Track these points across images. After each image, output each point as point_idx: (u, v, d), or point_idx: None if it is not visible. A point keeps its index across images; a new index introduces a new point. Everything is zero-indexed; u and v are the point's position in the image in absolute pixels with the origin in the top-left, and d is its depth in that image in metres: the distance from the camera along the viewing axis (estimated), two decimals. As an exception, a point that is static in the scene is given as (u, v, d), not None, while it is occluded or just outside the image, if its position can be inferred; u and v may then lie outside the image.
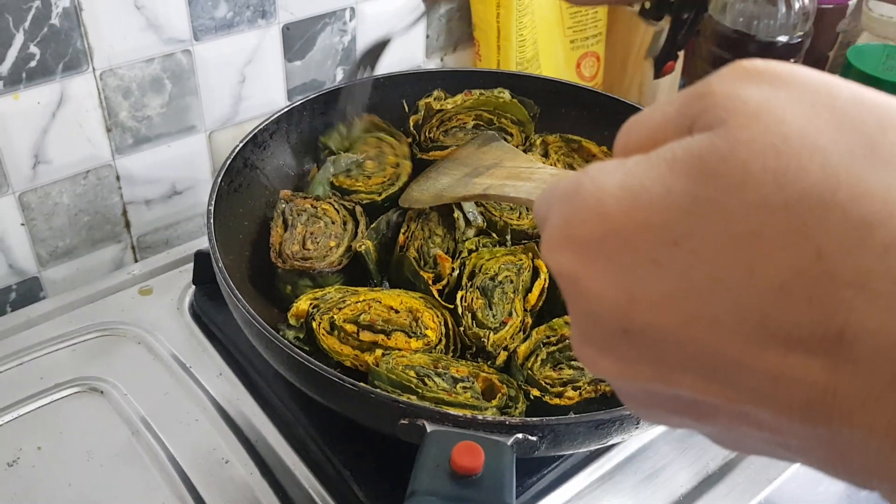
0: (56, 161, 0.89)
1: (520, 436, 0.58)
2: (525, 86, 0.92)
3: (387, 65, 1.12)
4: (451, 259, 0.75)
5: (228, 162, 0.78)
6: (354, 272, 0.78)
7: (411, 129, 0.88)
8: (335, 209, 0.81)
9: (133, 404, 0.75)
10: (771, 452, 0.29)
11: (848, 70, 1.02)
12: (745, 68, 0.27)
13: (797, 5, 1.04)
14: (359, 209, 0.81)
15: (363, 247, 0.77)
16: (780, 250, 0.24)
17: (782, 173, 0.24)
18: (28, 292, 0.95)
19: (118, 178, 0.95)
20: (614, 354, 0.28)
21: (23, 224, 0.90)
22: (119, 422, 0.74)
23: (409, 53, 1.13)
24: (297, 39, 1.01)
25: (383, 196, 0.84)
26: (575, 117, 0.93)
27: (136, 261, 1.02)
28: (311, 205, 0.81)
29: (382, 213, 0.81)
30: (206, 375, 0.78)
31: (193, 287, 0.87)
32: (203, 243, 0.90)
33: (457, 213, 0.79)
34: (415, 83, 0.92)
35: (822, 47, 1.18)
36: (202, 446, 0.72)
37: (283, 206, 0.80)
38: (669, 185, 0.26)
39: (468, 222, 0.79)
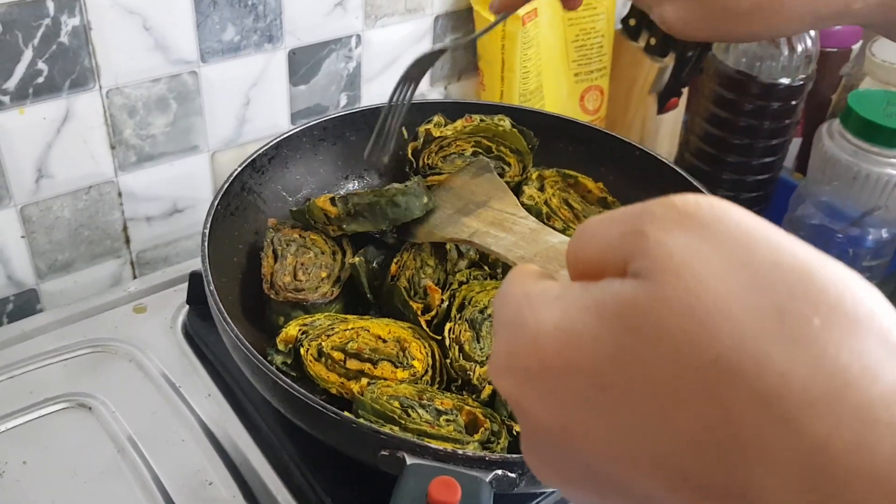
0: (59, 176, 0.90)
1: (499, 472, 0.58)
2: (524, 119, 0.93)
3: (389, 92, 1.13)
4: (440, 290, 0.76)
5: (226, 185, 0.79)
6: (345, 299, 0.78)
7: (409, 155, 0.89)
8: (323, 239, 0.81)
9: (121, 422, 0.76)
10: None
11: (849, 115, 1.02)
12: (677, 211, 0.28)
13: (800, 48, 1.05)
14: (345, 239, 0.82)
15: (357, 260, 0.77)
16: (693, 407, 0.25)
17: (696, 338, 0.26)
18: (25, 304, 0.96)
19: (120, 194, 0.96)
20: (554, 467, 0.31)
21: (23, 236, 0.91)
22: (106, 439, 0.75)
23: (413, 81, 1.14)
24: (302, 64, 1.03)
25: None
26: (572, 152, 0.93)
27: (134, 276, 1.03)
28: (300, 234, 0.81)
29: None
30: (194, 396, 0.79)
31: (187, 307, 0.87)
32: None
33: (449, 245, 0.80)
34: (416, 113, 0.93)
35: (825, 90, 1.19)
36: (187, 467, 0.73)
37: (272, 235, 0.80)
38: (597, 333, 0.28)
39: (460, 254, 0.80)
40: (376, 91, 1.11)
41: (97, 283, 1.00)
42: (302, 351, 0.70)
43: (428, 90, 1.17)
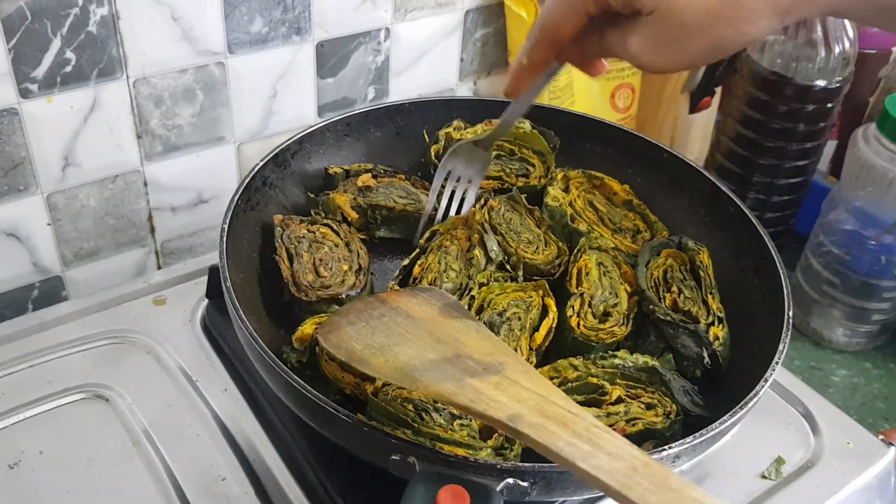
0: (85, 164, 0.91)
1: (510, 481, 0.57)
2: (551, 118, 0.92)
3: (419, 86, 1.12)
4: (461, 295, 0.75)
5: (247, 180, 0.78)
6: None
7: (433, 158, 0.88)
8: (333, 231, 0.81)
9: (137, 414, 0.76)
10: None
11: (886, 119, 0.99)
12: None
13: (837, 49, 1.02)
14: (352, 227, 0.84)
15: None
16: None
17: None
18: (51, 291, 0.97)
19: (146, 183, 0.97)
20: None
21: (49, 224, 0.92)
22: (121, 431, 0.75)
23: (441, 76, 1.13)
24: (330, 57, 1.02)
25: None
26: (599, 153, 0.92)
27: (159, 266, 1.03)
28: (308, 229, 0.80)
29: None
30: (211, 390, 0.79)
31: (206, 300, 0.87)
32: (223, 254, 0.91)
33: (478, 251, 0.78)
34: (441, 109, 0.92)
35: (863, 92, 1.16)
36: (201, 462, 0.73)
37: (281, 233, 0.79)
38: None
39: (489, 260, 0.78)
40: (404, 85, 1.11)
41: (122, 272, 1.01)
42: (317, 350, 0.69)
43: (457, 84, 1.16)
